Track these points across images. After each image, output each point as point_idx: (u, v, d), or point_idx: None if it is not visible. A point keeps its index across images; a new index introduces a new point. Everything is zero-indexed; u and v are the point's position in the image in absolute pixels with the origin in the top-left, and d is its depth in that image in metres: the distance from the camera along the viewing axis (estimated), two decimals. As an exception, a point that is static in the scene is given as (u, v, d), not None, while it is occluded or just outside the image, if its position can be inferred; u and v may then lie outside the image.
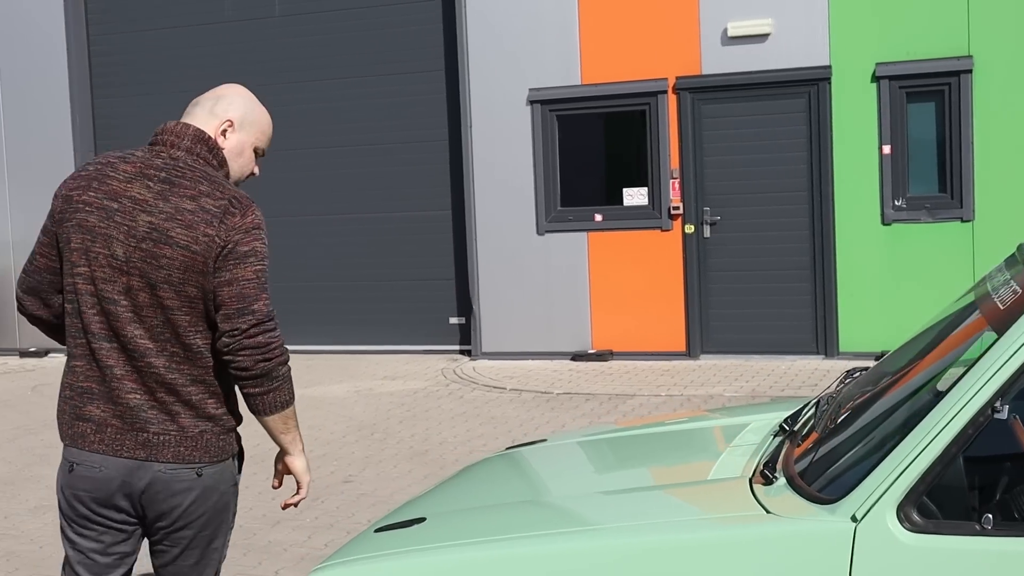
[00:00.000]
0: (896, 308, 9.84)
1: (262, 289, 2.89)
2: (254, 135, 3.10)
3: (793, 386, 9.00)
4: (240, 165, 3.10)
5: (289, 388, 2.95)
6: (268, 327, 2.87)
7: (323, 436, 8.06)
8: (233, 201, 2.93)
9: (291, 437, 3.03)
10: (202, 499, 2.94)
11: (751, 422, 3.38)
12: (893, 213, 9.83)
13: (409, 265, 11.54)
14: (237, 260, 2.87)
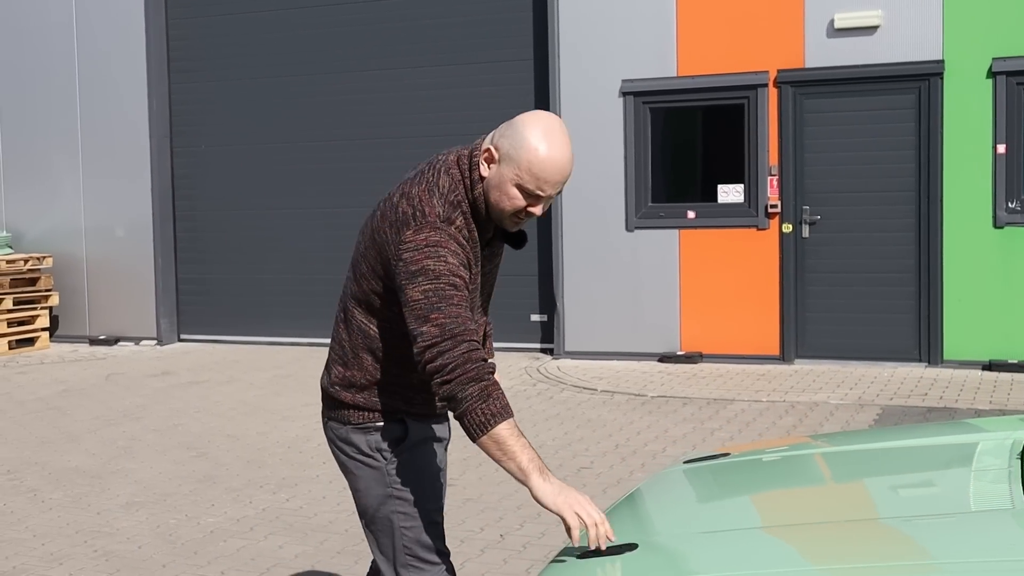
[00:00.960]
0: (1007, 316, 9.39)
1: (429, 309, 2.74)
2: (513, 171, 2.82)
3: (901, 394, 8.57)
4: (498, 201, 2.87)
5: (484, 410, 2.68)
6: (439, 352, 2.72)
7: (415, 435, 7.73)
8: (418, 214, 2.82)
9: (513, 466, 2.69)
10: None
11: (977, 442, 3.00)
12: (1007, 216, 9.37)
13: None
14: (406, 280, 2.80)
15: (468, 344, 2.72)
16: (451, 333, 2.72)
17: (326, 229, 11.80)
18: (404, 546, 3.03)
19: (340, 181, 11.72)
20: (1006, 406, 8.09)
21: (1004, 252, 9.39)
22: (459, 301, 2.76)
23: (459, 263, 2.79)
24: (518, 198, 2.85)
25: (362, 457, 3.03)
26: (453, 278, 2.76)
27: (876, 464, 2.98)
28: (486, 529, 5.62)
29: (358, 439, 3.03)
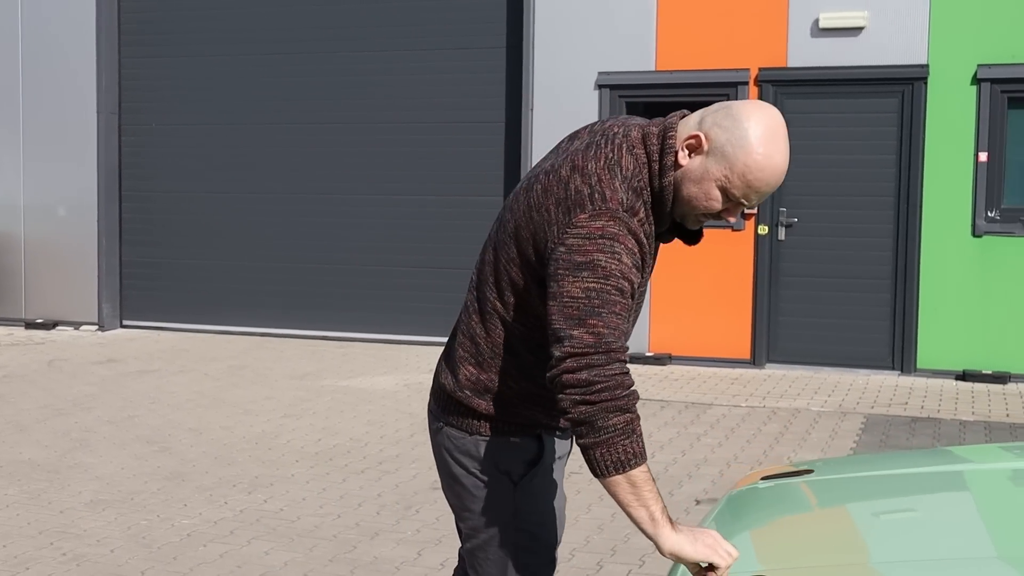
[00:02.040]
0: (983, 326, 9.29)
1: (588, 313, 2.32)
2: (722, 171, 2.38)
3: (881, 403, 8.42)
4: (691, 196, 2.42)
5: (627, 447, 2.30)
6: (589, 363, 2.29)
7: (389, 434, 7.39)
8: (596, 196, 2.37)
9: (644, 515, 2.32)
10: None
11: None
12: (986, 225, 9.27)
13: (453, 252, 10.87)
14: (567, 270, 2.35)
15: (621, 365, 2.32)
16: (607, 347, 2.30)
17: (282, 214, 11.37)
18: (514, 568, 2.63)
19: (298, 166, 11.28)
20: (989, 417, 7.96)
21: (982, 261, 9.29)
22: (622, 311, 2.34)
23: (632, 265, 2.35)
24: (717, 201, 2.41)
25: (486, 475, 2.60)
26: (623, 281, 2.33)
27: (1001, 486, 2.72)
28: (485, 538, 5.29)
29: (486, 454, 2.60)
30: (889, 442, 7.27)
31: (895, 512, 2.66)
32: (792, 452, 6.97)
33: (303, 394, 8.64)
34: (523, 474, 2.61)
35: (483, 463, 2.61)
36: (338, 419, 7.80)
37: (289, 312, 11.37)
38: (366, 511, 5.71)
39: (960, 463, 3.08)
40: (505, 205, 2.61)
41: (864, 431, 7.58)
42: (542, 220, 2.43)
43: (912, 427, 7.71)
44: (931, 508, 2.68)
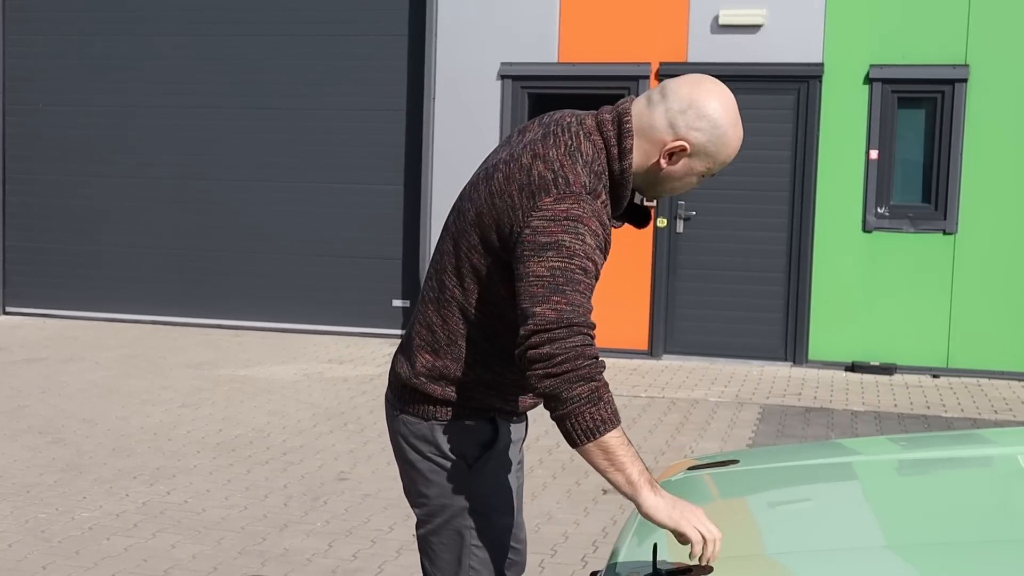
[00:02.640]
0: (870, 319, 9.57)
1: (551, 290, 2.38)
2: (705, 165, 2.53)
3: (776, 393, 8.61)
4: (672, 189, 2.59)
5: (594, 415, 2.35)
6: (551, 338, 2.35)
7: (291, 424, 7.29)
8: (560, 180, 2.44)
9: (621, 478, 2.37)
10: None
11: (1020, 453, 2.85)
12: (875, 220, 9.54)
13: (351, 241, 10.78)
14: (532, 251, 2.42)
15: (584, 337, 2.37)
16: (568, 321, 2.36)
17: (174, 200, 11.12)
18: (470, 566, 2.65)
19: (191, 150, 11.05)
20: (879, 407, 8.21)
21: (871, 256, 9.56)
22: (586, 289, 2.39)
23: (596, 246, 2.42)
24: (692, 184, 2.59)
25: (442, 459, 2.63)
26: (587, 261, 2.39)
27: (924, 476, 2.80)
28: (396, 528, 5.27)
29: (441, 438, 2.62)
30: (785, 431, 7.44)
31: (799, 502, 2.72)
32: (693, 442, 7.08)
33: (200, 383, 8.48)
34: (478, 457, 2.64)
35: (438, 447, 2.64)
36: (238, 409, 7.67)
37: (182, 300, 11.14)
38: (273, 502, 5.64)
39: (872, 454, 3.17)
40: (462, 195, 2.65)
41: (761, 421, 7.74)
42: (505, 206, 2.48)
43: (806, 417, 7.90)
44: (838, 498, 2.75)
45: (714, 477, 3.05)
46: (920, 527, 2.45)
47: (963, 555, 2.24)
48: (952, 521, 2.47)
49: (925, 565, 2.21)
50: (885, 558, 2.28)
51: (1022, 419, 7.96)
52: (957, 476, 2.85)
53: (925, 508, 2.59)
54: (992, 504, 2.61)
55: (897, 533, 2.43)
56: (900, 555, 2.28)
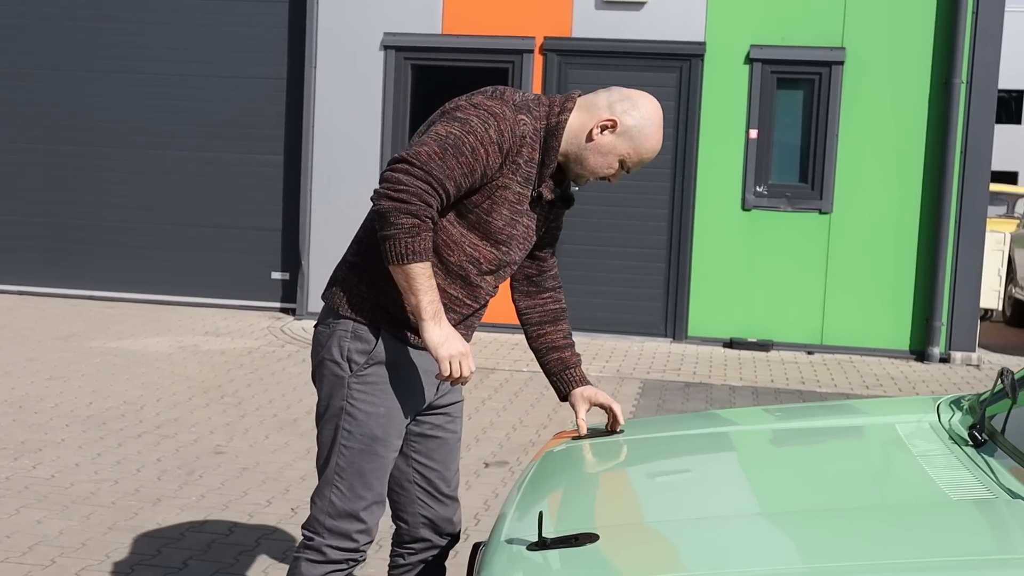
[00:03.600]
0: (748, 296, 9.72)
1: (438, 143, 2.72)
2: (627, 149, 2.90)
3: (656, 368, 8.69)
4: (595, 164, 2.92)
5: (409, 245, 2.69)
6: (408, 169, 2.69)
7: (166, 397, 7.09)
8: (497, 92, 2.87)
9: (414, 302, 2.74)
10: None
11: (892, 423, 2.89)
12: (754, 199, 9.68)
13: (229, 212, 10.53)
14: (444, 115, 2.82)
15: (432, 188, 2.69)
16: (430, 170, 2.69)
17: (40, 166, 10.72)
18: (337, 464, 2.90)
19: (61, 116, 10.65)
20: (756, 383, 8.35)
21: (749, 234, 9.71)
22: (465, 164, 2.73)
23: (500, 145, 2.76)
24: (613, 168, 2.93)
25: (332, 363, 2.90)
26: (480, 146, 2.73)
27: (796, 446, 2.82)
28: (273, 502, 5.16)
29: (332, 342, 2.91)
30: (666, 406, 7.51)
31: (678, 472, 2.73)
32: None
33: (69, 355, 8.20)
34: (360, 363, 2.88)
35: (332, 352, 2.91)
36: (109, 382, 7.43)
37: (51, 270, 10.75)
38: (146, 476, 5.47)
39: (749, 424, 3.19)
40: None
41: (642, 395, 7.81)
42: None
43: (686, 392, 7.99)
44: (717, 467, 2.76)
45: (594, 447, 3.04)
46: (796, 495, 2.47)
47: (834, 521, 2.26)
48: (827, 488, 2.49)
49: (798, 531, 2.22)
50: (760, 525, 2.29)
51: (893, 394, 8.18)
52: (831, 445, 2.88)
53: (801, 476, 2.61)
54: (866, 471, 2.64)
55: (772, 501, 2.44)
56: (774, 522, 2.29)
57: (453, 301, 2.91)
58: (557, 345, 3.21)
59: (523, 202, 2.88)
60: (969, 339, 9.53)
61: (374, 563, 4.43)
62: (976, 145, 9.38)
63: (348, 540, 2.92)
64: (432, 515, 3.16)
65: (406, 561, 3.23)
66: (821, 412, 3.25)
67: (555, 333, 3.22)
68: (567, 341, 3.23)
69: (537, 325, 3.23)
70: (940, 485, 2.35)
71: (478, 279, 2.93)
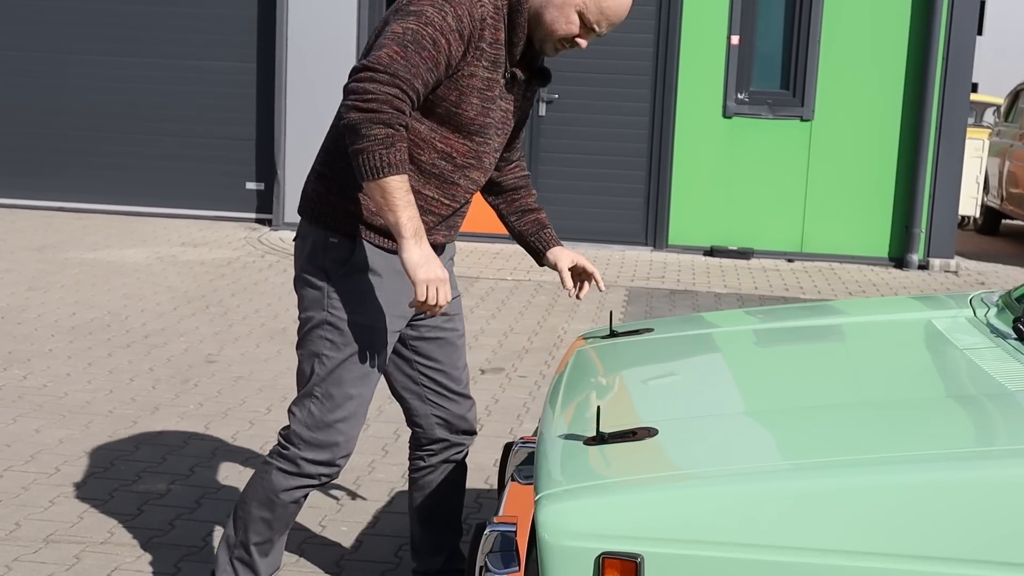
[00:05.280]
0: (729, 204, 9.71)
1: (397, 43, 2.55)
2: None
3: (640, 276, 8.69)
4: (552, 20, 2.69)
5: (383, 156, 2.52)
6: (373, 77, 2.52)
7: (150, 308, 7.00)
8: None
9: (392, 219, 2.58)
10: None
11: (929, 318, 2.88)
12: (735, 106, 9.62)
13: (202, 121, 10.33)
14: (396, 15, 2.64)
15: (399, 91, 2.53)
16: (395, 72, 2.53)
17: (8, 75, 10.43)
18: (317, 374, 2.83)
19: (26, 21, 10.33)
20: (740, 290, 8.37)
21: (730, 142, 9.66)
22: (428, 58, 2.57)
23: (460, 32, 2.60)
24: (575, 24, 2.68)
25: (311, 272, 2.82)
26: (440, 36, 2.57)
27: (835, 341, 2.81)
28: (273, 409, 5.11)
29: (307, 254, 2.83)
30: (653, 313, 7.51)
31: (724, 367, 2.70)
32: (564, 323, 7.08)
33: (46, 267, 8.05)
34: (337, 272, 2.79)
35: (308, 264, 2.83)
36: (90, 292, 7.32)
37: (19, 181, 10.53)
38: (140, 386, 5.40)
39: (733, 326, 3.14)
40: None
41: (629, 303, 7.80)
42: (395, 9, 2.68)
43: (672, 299, 7.99)
44: (761, 361, 2.74)
45: (624, 346, 3.01)
46: (855, 387, 2.45)
47: (907, 412, 2.25)
48: (886, 381, 2.48)
49: (873, 422, 2.20)
50: (829, 416, 2.27)
51: (875, 300, 8.23)
52: (877, 340, 2.86)
53: (854, 370, 2.60)
54: (918, 365, 2.63)
55: (833, 393, 2.42)
56: (845, 413, 2.27)
57: (430, 202, 2.79)
58: (531, 207, 3.14)
59: (494, 87, 2.72)
60: (947, 246, 9.59)
61: (384, 468, 4.41)
62: (958, 53, 9.34)
63: (325, 452, 2.86)
64: (445, 415, 3.12)
65: (426, 463, 3.21)
66: (853, 309, 3.23)
67: (527, 197, 3.15)
68: (538, 206, 3.16)
69: (509, 192, 3.13)
70: (995, 377, 2.34)
71: (455, 175, 2.79)
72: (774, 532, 1.93)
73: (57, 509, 3.92)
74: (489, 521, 2.49)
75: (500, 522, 2.48)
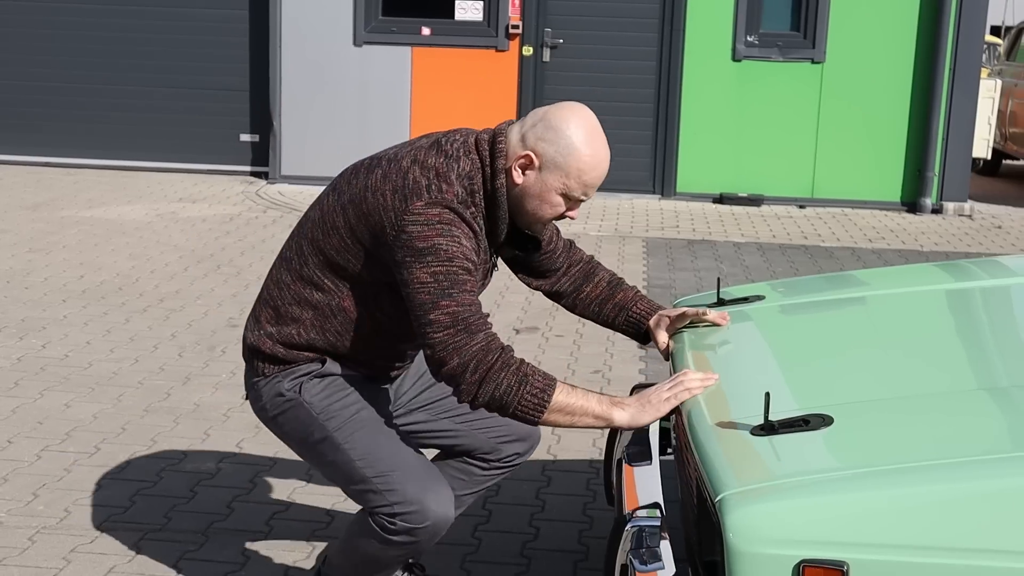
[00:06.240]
0: (738, 150, 9.50)
1: (440, 295, 2.40)
2: (560, 181, 2.48)
3: (653, 226, 8.49)
4: (535, 210, 2.54)
5: (529, 391, 2.38)
6: (452, 352, 2.39)
7: (160, 269, 6.73)
8: (433, 188, 2.45)
9: (590, 420, 2.42)
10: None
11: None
12: (745, 49, 9.37)
13: (194, 71, 9.97)
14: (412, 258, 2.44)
15: (483, 335, 2.39)
16: (465, 323, 2.39)
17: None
18: (353, 459, 2.59)
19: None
20: (757, 238, 8.18)
21: (740, 86, 9.43)
22: (472, 288, 2.44)
23: (472, 248, 2.46)
24: (560, 205, 2.53)
25: (284, 403, 2.64)
26: (466, 262, 2.43)
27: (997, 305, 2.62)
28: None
29: (280, 387, 2.64)
30: (676, 264, 7.33)
31: (872, 341, 2.51)
32: (589, 277, 6.87)
33: (44, 226, 7.75)
34: (310, 383, 2.64)
35: (281, 394, 2.64)
36: (94, 253, 7.03)
37: (3, 135, 10.15)
38: (165, 353, 5.16)
39: (932, 283, 2.97)
40: (343, 174, 2.65)
41: (648, 254, 7.60)
42: (376, 203, 2.48)
43: (691, 249, 7.80)
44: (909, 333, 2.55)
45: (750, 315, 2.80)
46: (951, 370, 2.26)
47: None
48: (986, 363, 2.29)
49: (968, 413, 2.02)
50: (924, 407, 2.09)
51: (898, 247, 8.08)
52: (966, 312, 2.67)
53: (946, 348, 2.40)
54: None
55: (930, 380, 2.24)
56: (938, 403, 2.09)
57: (376, 368, 2.72)
58: (604, 296, 2.86)
59: (479, 277, 2.57)
60: (961, 190, 9.44)
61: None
62: (972, -10, 9.13)
63: (415, 503, 2.55)
64: (500, 456, 2.91)
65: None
66: (975, 271, 3.04)
67: (595, 289, 2.86)
68: (611, 286, 2.87)
69: (573, 294, 2.88)
70: None
71: (406, 345, 2.70)
72: (1001, 535, 1.74)
73: (106, 493, 3.70)
74: (629, 515, 2.30)
75: (641, 516, 2.30)
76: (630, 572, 2.22)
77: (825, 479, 1.85)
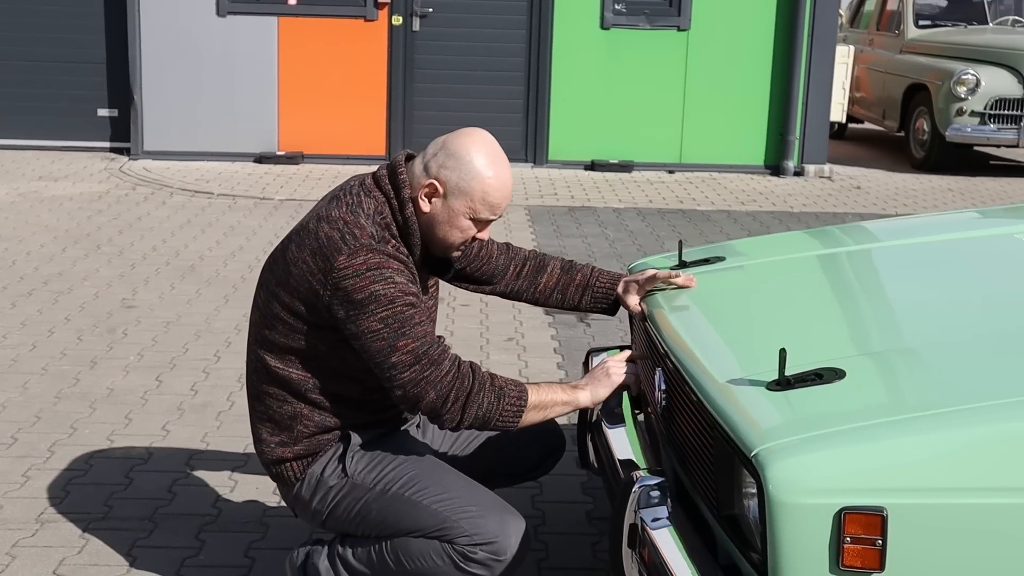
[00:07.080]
0: (609, 118, 9.62)
1: (394, 337, 2.44)
2: (466, 206, 2.51)
3: (532, 194, 8.54)
4: (445, 236, 2.56)
5: (503, 401, 2.48)
6: (421, 390, 2.45)
7: (35, 250, 6.45)
8: (348, 237, 2.46)
9: (559, 409, 2.59)
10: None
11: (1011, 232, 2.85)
12: (613, 17, 9.49)
13: (46, 43, 9.53)
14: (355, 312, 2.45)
15: (450, 361, 2.46)
16: (427, 356, 2.44)
17: None
18: (431, 506, 2.52)
19: None
20: (635, 203, 8.32)
21: (609, 54, 9.54)
22: (420, 319, 2.47)
23: (407, 281, 2.49)
24: (470, 229, 2.56)
25: (336, 492, 2.60)
26: (407, 297, 2.45)
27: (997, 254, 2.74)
28: (222, 356, 4.77)
29: (321, 480, 2.61)
30: (563, 232, 7.40)
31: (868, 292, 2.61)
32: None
33: (-101, 210, 7.33)
34: (351, 457, 2.62)
35: (327, 492, 2.62)
36: (-39, 236, 6.70)
37: None
38: (64, 338, 4.96)
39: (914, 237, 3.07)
40: (262, 270, 2.66)
41: (533, 221, 7.66)
42: (301, 272, 2.50)
43: (574, 216, 7.89)
44: (905, 285, 2.65)
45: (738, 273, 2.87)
46: (942, 321, 2.38)
47: None
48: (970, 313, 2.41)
49: (973, 361, 2.13)
50: (930, 357, 2.19)
51: (769, 209, 8.33)
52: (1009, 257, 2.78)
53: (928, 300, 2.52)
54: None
55: (926, 331, 2.35)
56: (943, 353, 2.20)
57: (394, 419, 2.73)
58: (558, 283, 2.90)
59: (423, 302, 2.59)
60: (821, 152, 9.78)
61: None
62: (827, -42, 9.43)
63: (489, 534, 2.50)
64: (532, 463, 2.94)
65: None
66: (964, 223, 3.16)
67: (550, 279, 2.90)
68: (566, 271, 2.91)
69: (531, 289, 2.91)
70: None
71: (377, 395, 2.62)
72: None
73: (36, 484, 3.55)
74: (635, 476, 2.34)
75: (647, 475, 2.35)
76: (640, 530, 2.26)
77: (860, 428, 1.92)
